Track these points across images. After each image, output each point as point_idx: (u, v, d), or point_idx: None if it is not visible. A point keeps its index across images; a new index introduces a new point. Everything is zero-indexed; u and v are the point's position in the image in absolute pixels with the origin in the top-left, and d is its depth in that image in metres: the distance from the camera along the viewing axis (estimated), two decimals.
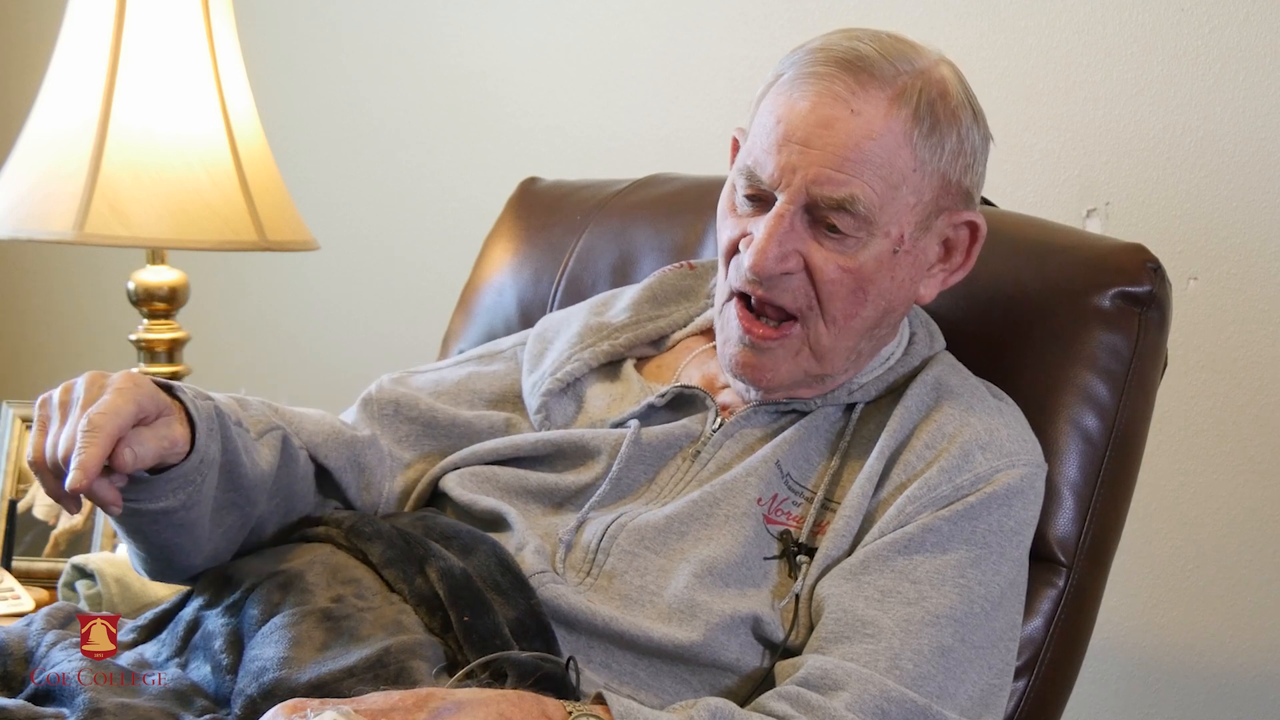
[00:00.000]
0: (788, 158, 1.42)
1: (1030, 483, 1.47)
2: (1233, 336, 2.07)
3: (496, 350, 1.70)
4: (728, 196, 1.50)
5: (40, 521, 2.23)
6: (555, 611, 1.36)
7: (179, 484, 1.33)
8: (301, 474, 1.51)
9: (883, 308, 1.48)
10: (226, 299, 2.86)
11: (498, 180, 2.14)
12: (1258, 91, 2.02)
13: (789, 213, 1.43)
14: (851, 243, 1.44)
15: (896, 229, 1.45)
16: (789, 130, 1.43)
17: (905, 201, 1.44)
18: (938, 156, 1.45)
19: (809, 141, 1.42)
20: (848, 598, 1.37)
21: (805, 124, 1.42)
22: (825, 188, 1.41)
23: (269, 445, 1.46)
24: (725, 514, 1.44)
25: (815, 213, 1.43)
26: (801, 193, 1.42)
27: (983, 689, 1.39)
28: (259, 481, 1.44)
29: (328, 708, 1.13)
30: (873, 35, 1.46)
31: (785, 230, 1.43)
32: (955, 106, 1.46)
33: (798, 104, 1.43)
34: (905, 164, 1.43)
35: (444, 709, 1.15)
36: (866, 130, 1.41)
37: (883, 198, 1.43)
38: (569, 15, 2.59)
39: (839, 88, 1.42)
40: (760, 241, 1.43)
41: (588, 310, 1.68)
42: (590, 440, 1.52)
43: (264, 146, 2.17)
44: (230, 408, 1.42)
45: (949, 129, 1.45)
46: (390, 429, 1.59)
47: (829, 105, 1.42)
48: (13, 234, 2.06)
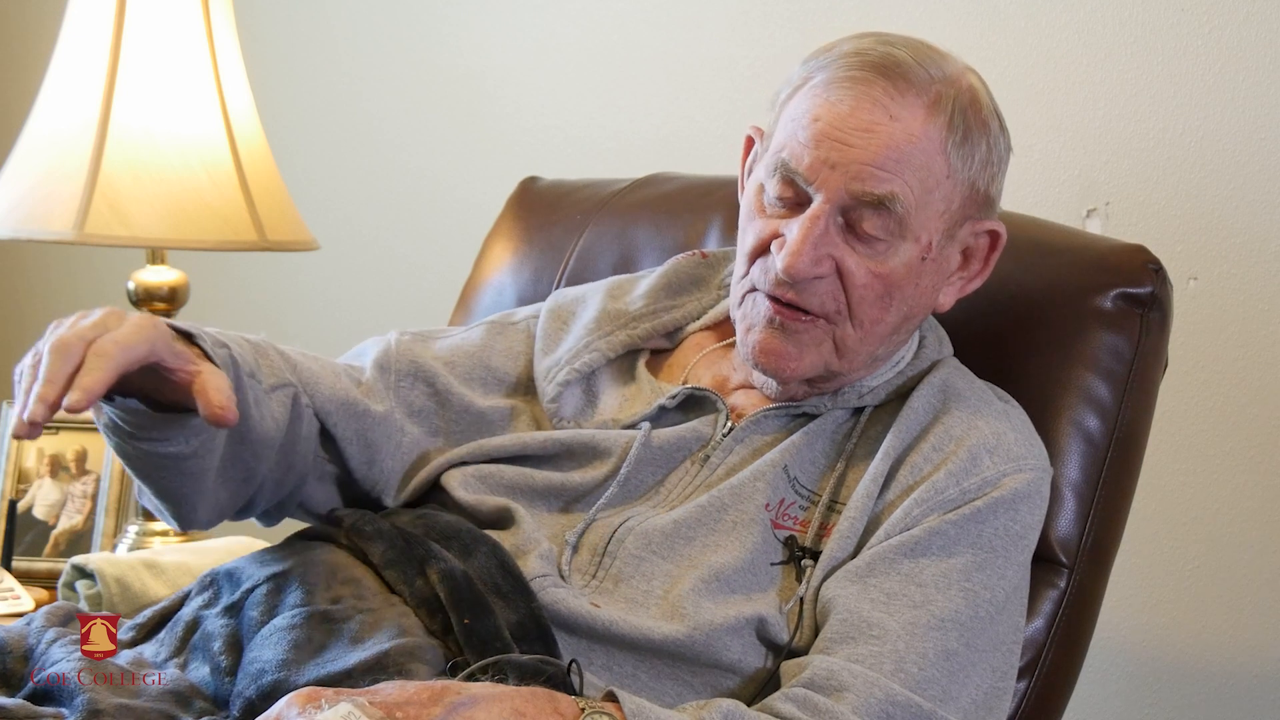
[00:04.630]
0: (827, 153, 1.42)
1: (1037, 487, 1.47)
2: (1233, 336, 2.07)
3: (510, 320, 1.67)
4: (755, 196, 1.49)
5: (40, 521, 2.23)
6: (556, 616, 1.36)
7: (192, 431, 1.31)
8: (305, 434, 1.47)
9: (905, 313, 1.48)
10: (226, 299, 2.86)
11: (498, 180, 2.14)
12: (1258, 91, 2.02)
13: (825, 214, 1.42)
14: (882, 247, 1.44)
15: (926, 235, 1.45)
16: (827, 128, 1.42)
17: (936, 208, 1.44)
18: (969, 165, 1.45)
19: (849, 141, 1.41)
20: (853, 599, 1.37)
21: (845, 124, 1.42)
22: (867, 184, 1.41)
23: (279, 403, 1.43)
24: (733, 520, 1.43)
25: (849, 216, 1.43)
26: (840, 191, 1.42)
27: (986, 692, 1.39)
28: (265, 438, 1.41)
29: (342, 699, 1.13)
30: (904, 40, 1.46)
31: (820, 233, 1.42)
32: (986, 116, 1.47)
33: (836, 105, 1.42)
34: (940, 170, 1.43)
35: (459, 703, 1.15)
36: (906, 134, 1.41)
37: (919, 200, 1.43)
38: (569, 15, 2.59)
39: (877, 93, 1.42)
40: (795, 244, 1.43)
41: (605, 294, 1.65)
42: (600, 441, 1.51)
43: (264, 146, 2.17)
44: (245, 356, 1.38)
45: (980, 138, 1.46)
46: (404, 396, 1.55)
47: (868, 110, 1.42)
48: (13, 234, 2.06)
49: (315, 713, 1.12)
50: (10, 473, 2.27)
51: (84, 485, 2.24)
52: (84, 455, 2.28)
